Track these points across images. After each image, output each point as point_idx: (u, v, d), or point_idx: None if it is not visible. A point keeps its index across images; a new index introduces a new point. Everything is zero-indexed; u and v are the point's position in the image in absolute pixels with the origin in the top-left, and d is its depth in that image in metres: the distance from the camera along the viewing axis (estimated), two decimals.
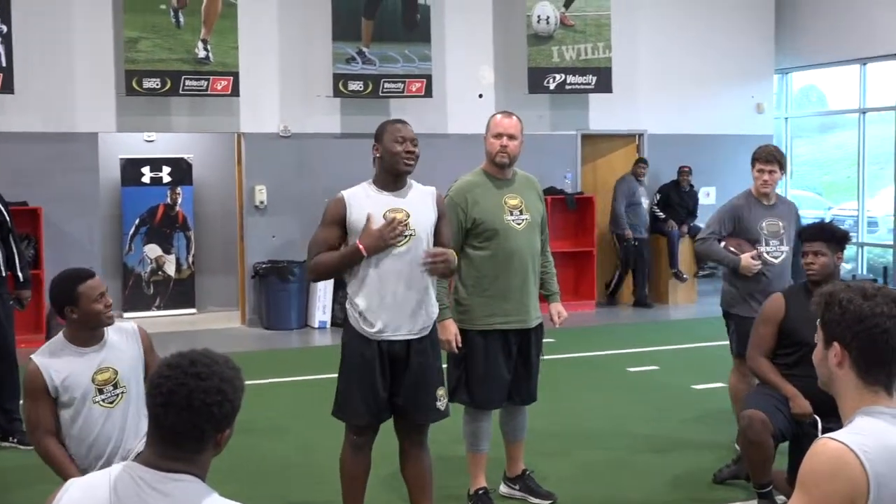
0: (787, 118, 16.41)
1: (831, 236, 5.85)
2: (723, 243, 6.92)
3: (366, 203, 5.11)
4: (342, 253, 5.07)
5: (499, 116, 6.01)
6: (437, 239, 5.22)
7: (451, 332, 5.68)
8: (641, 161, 14.47)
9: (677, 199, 14.71)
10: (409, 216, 5.08)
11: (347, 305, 5.22)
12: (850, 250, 9.51)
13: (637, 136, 15.29)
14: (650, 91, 15.13)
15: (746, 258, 6.72)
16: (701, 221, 13.75)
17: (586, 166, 15.21)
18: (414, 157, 5.10)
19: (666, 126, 15.25)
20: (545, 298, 6.20)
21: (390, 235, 4.95)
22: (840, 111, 16.30)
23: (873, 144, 15.06)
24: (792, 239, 6.84)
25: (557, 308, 6.20)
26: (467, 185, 5.94)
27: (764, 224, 6.86)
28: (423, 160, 5.48)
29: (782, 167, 6.81)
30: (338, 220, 5.10)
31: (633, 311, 14.42)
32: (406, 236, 5.05)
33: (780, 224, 6.88)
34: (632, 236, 14.09)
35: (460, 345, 5.72)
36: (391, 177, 5.13)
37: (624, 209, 14.11)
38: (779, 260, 6.85)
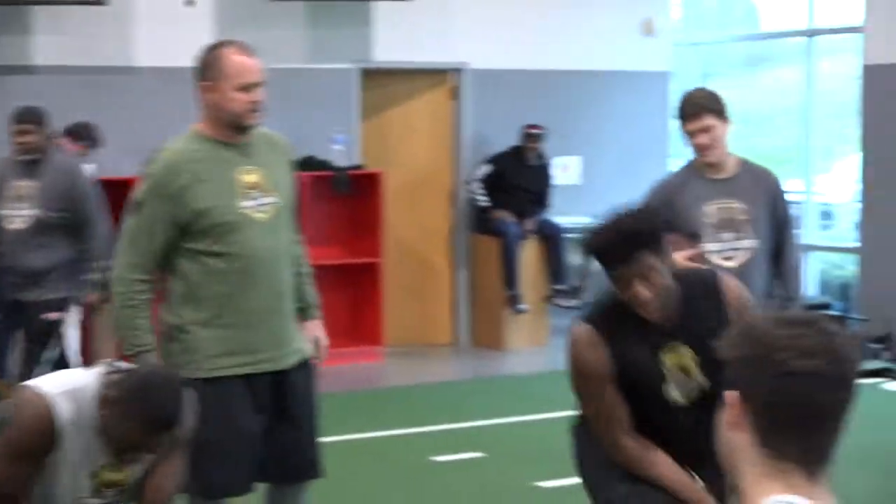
0: (695, 45, 14.82)
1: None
2: None
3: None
4: None
5: (236, 56, 5.12)
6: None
7: None
8: None
9: (518, 178, 12.63)
10: None
11: None
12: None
13: (452, 73, 13.21)
14: None
15: (681, 263, 5.98)
16: (559, 213, 12.59)
17: (370, 122, 13.02)
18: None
19: (500, 57, 13.25)
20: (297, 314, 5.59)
21: None
22: (780, 33, 14.91)
23: (827, 88, 13.46)
24: (766, 228, 6.34)
25: (315, 330, 5.41)
26: (182, 155, 5.12)
27: (710, 209, 6.42)
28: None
29: (722, 115, 6.18)
30: None
31: (451, 357, 12.84)
32: None
33: (739, 207, 6.39)
34: None
35: None
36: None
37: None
38: (736, 262, 6.37)
